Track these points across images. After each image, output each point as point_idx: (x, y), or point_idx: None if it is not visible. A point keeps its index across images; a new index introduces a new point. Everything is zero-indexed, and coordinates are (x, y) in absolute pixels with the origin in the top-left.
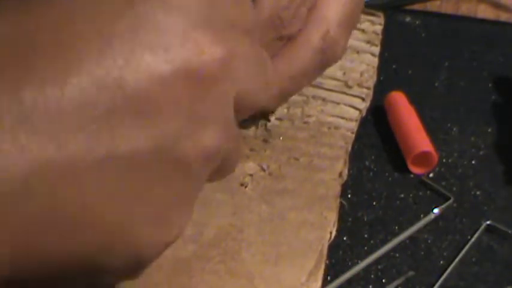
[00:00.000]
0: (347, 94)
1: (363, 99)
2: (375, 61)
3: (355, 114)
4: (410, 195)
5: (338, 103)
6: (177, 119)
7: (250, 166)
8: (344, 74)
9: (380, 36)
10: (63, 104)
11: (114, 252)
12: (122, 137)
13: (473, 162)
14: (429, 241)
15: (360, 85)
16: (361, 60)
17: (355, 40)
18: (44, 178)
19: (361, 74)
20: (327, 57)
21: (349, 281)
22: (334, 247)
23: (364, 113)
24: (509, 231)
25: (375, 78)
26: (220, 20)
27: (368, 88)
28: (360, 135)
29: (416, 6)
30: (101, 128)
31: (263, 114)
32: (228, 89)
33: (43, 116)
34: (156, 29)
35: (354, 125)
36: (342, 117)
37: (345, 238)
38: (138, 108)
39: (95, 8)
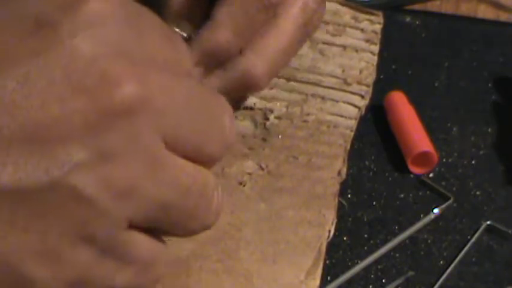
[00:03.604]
0: (346, 91)
1: (362, 97)
2: (374, 59)
3: (354, 112)
4: (410, 195)
5: (337, 101)
6: (76, 150)
7: (249, 165)
8: (343, 71)
9: (379, 35)
10: None
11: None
12: (5, 165)
13: (473, 162)
14: (429, 241)
15: (359, 82)
16: (360, 58)
17: (355, 39)
18: None
19: (361, 72)
20: (308, 29)
21: (349, 281)
22: (334, 247)
23: (363, 111)
24: (509, 231)
25: (374, 76)
26: (142, 57)
27: (367, 85)
28: (360, 135)
29: (416, 6)
30: None
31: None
32: (146, 126)
33: None
34: (62, 53)
35: (353, 123)
36: (341, 116)
37: (344, 238)
38: (32, 135)
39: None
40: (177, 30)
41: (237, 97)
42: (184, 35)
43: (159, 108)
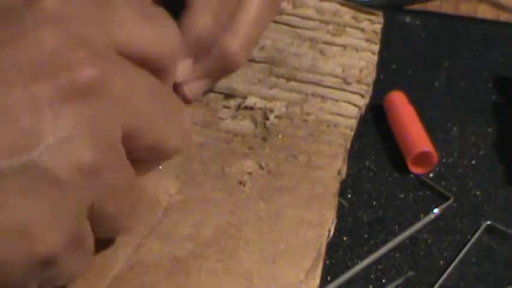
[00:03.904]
0: (346, 91)
1: (362, 96)
2: (374, 58)
3: (354, 111)
4: (410, 195)
5: (337, 100)
6: (45, 133)
7: (249, 164)
8: (343, 70)
9: (379, 35)
10: None
11: None
12: None
13: (473, 162)
14: (429, 241)
15: (359, 81)
16: (360, 58)
17: (355, 38)
18: None
19: (361, 71)
20: None
21: (349, 281)
22: (334, 247)
23: (363, 110)
24: (509, 231)
25: (374, 75)
26: (104, 46)
27: (367, 85)
28: (360, 135)
29: (416, 6)
30: None
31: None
32: (106, 110)
33: None
34: (27, 44)
35: (353, 123)
36: (341, 115)
37: (344, 238)
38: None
39: None
40: None
41: (217, 79)
42: None
43: (119, 95)
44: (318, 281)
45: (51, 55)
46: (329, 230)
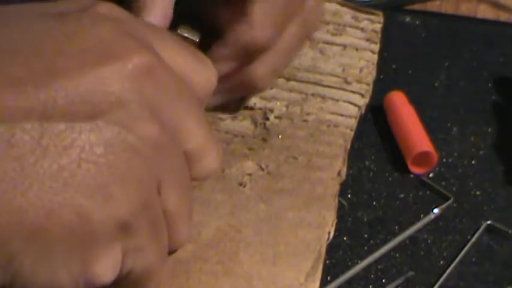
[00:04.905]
0: (346, 90)
1: (362, 95)
2: (374, 58)
3: (354, 111)
4: (410, 195)
5: (337, 100)
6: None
7: (249, 165)
8: (343, 70)
9: (379, 35)
10: None
11: None
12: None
13: (473, 162)
14: (429, 241)
15: (359, 81)
16: (361, 57)
17: (355, 38)
18: None
19: (361, 70)
20: (307, 29)
21: (349, 281)
22: (334, 247)
23: (363, 110)
24: (509, 231)
25: (374, 74)
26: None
27: (367, 84)
28: (360, 135)
29: (416, 6)
30: None
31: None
32: (161, 92)
33: None
34: (88, 35)
35: (353, 122)
36: (341, 115)
37: (344, 238)
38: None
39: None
40: (186, 35)
41: (239, 97)
42: (196, 40)
43: (170, 87)
44: (317, 284)
45: (109, 44)
46: (329, 232)
